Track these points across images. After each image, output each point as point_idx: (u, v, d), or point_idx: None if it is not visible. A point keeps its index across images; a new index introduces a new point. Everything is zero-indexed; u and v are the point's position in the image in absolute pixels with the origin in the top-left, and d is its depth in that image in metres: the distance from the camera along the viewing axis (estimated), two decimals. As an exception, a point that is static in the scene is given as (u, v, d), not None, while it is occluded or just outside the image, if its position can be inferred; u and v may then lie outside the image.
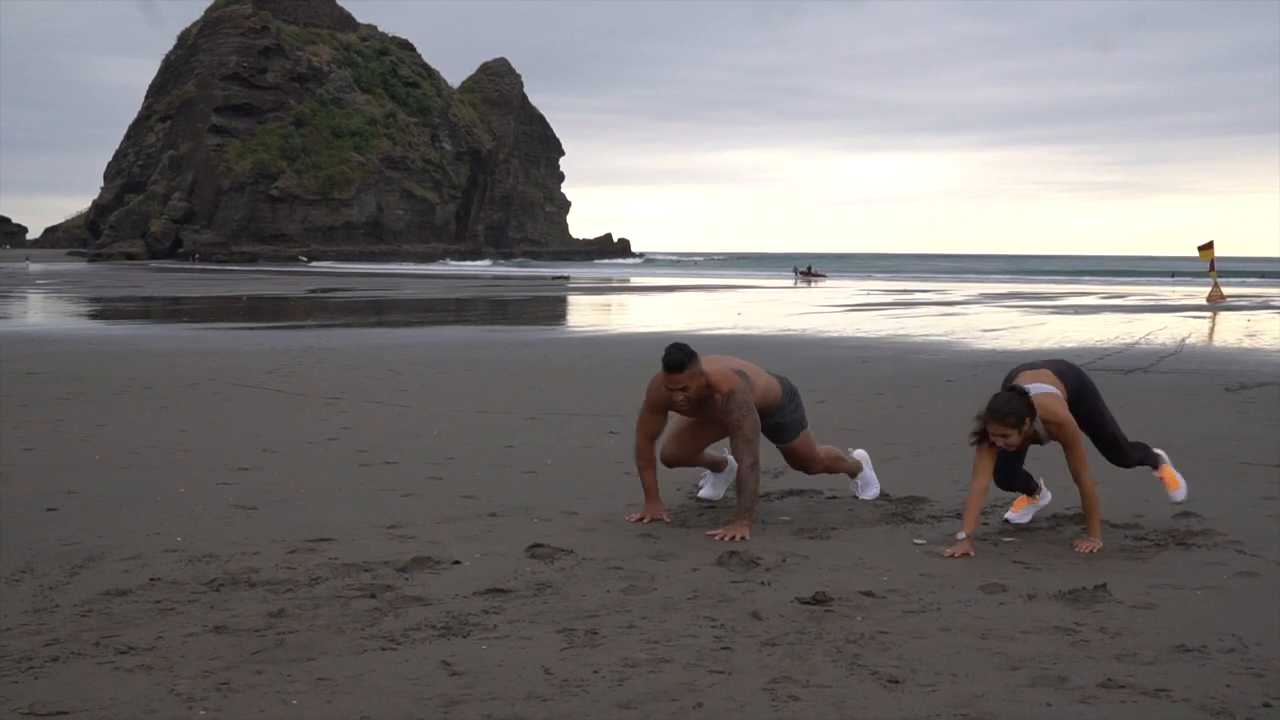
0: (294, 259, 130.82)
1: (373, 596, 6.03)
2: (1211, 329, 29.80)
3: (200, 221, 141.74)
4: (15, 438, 11.08)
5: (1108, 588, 6.25)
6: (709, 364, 7.80)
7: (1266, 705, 4.65)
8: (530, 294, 54.08)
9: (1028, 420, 7.16)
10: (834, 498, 8.77)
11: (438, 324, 31.66)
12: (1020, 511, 8.00)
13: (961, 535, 7.10)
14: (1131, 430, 11.97)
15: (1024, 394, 7.18)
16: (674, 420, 8.29)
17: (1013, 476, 7.81)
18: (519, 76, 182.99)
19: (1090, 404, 7.76)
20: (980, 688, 4.81)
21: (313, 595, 6.06)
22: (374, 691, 4.70)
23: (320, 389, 15.40)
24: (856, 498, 8.77)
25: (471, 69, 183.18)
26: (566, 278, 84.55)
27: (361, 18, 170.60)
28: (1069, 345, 23.68)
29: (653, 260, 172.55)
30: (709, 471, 8.77)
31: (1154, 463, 8.25)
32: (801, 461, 8.46)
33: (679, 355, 7.60)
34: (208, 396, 14.59)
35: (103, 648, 5.18)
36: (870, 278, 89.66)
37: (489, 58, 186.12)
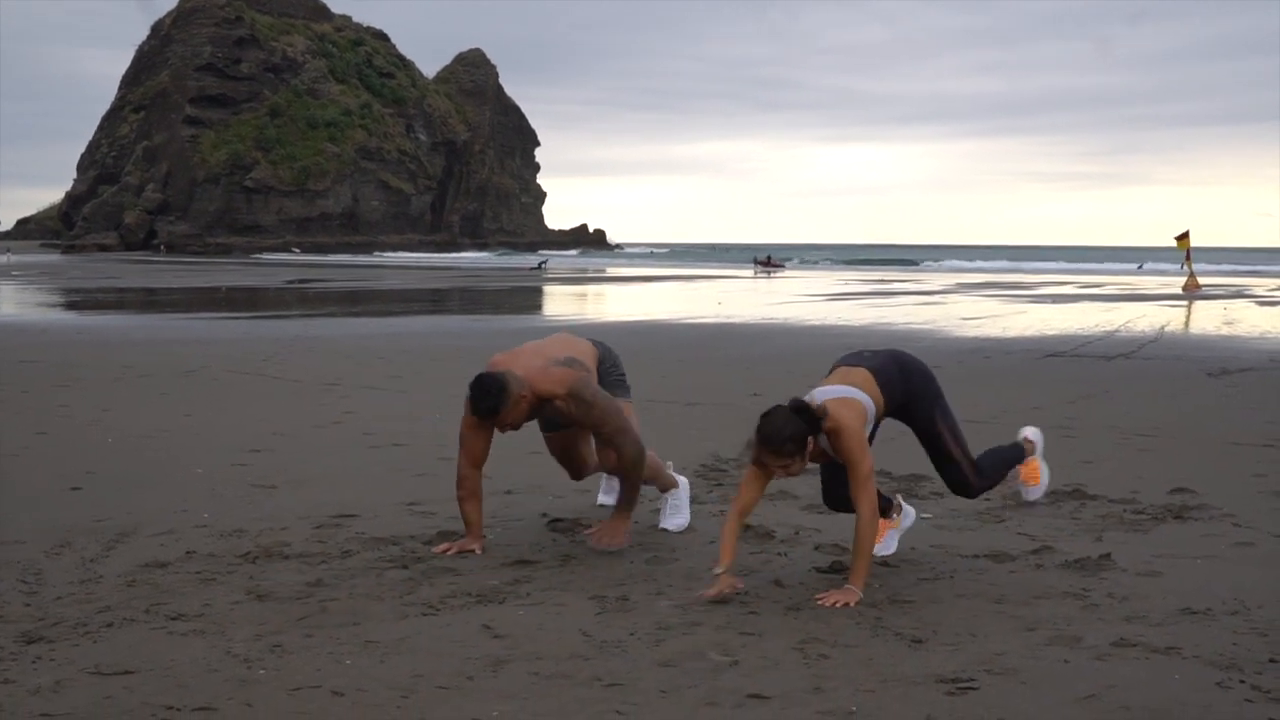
0: (266, 251, 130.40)
1: (405, 568, 6.24)
2: (1189, 317, 30.13)
3: (175, 213, 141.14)
4: (25, 423, 11.24)
5: (1112, 557, 6.48)
6: (524, 366, 6.63)
7: (1273, 660, 4.89)
8: (512, 284, 54.19)
9: (811, 440, 5.84)
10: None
11: (423, 313, 31.78)
12: (883, 541, 6.59)
13: (718, 570, 5.75)
14: (1119, 414, 12.32)
15: (802, 408, 5.81)
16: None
17: (848, 504, 6.21)
18: (494, 67, 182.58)
19: (925, 408, 6.39)
20: (1000, 646, 5.05)
21: (347, 566, 6.26)
22: (422, 652, 4.91)
23: (315, 376, 15.56)
24: (659, 526, 7.28)
25: (446, 60, 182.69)
26: (545, 263, 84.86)
27: (336, 8, 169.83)
28: (1050, 333, 23.95)
29: (623, 251, 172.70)
30: (604, 477, 7.84)
31: (1017, 459, 6.95)
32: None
33: (488, 400, 6.45)
34: (205, 383, 14.74)
35: (153, 614, 5.39)
36: (840, 268, 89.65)
37: (464, 48, 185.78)
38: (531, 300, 41.04)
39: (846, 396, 6.04)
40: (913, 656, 4.92)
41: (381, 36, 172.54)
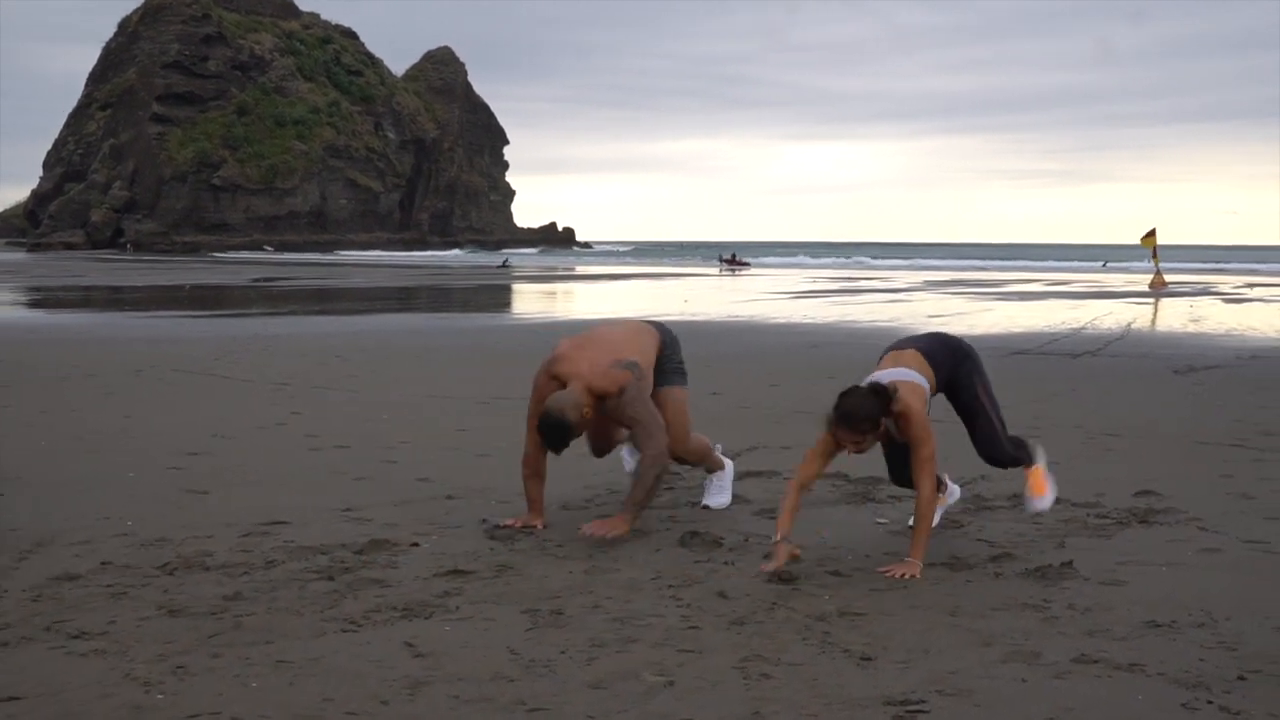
0: (235, 249, 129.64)
1: (330, 579, 5.91)
2: (1155, 314, 29.98)
3: (142, 211, 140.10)
4: (-43, 424, 10.86)
5: (1074, 565, 6.20)
6: (589, 363, 6.92)
7: (1241, 678, 4.61)
8: (477, 282, 53.78)
9: (883, 421, 6.21)
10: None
11: (385, 311, 31.40)
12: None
13: (776, 537, 6.06)
14: (1085, 412, 12.06)
15: (880, 391, 6.17)
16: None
17: (906, 471, 6.69)
18: (463, 65, 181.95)
19: (967, 384, 6.80)
20: (954, 663, 4.75)
21: (269, 578, 5.93)
22: (336, 673, 4.59)
23: (267, 375, 15.21)
24: (701, 504, 7.76)
25: (415, 58, 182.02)
26: (506, 261, 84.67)
27: (304, 5, 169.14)
28: (1016, 331, 23.74)
29: (589, 249, 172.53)
30: (626, 448, 8.01)
31: (1028, 460, 7.14)
32: (670, 423, 7.27)
33: (557, 440, 6.80)
34: (153, 383, 14.37)
35: (54, 633, 5.05)
36: (810, 267, 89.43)
37: (433, 46, 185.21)
38: (495, 298, 40.64)
39: (909, 380, 6.42)
40: (860, 676, 4.62)
41: (350, 34, 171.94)
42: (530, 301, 39.12)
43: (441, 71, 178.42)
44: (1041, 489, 7.11)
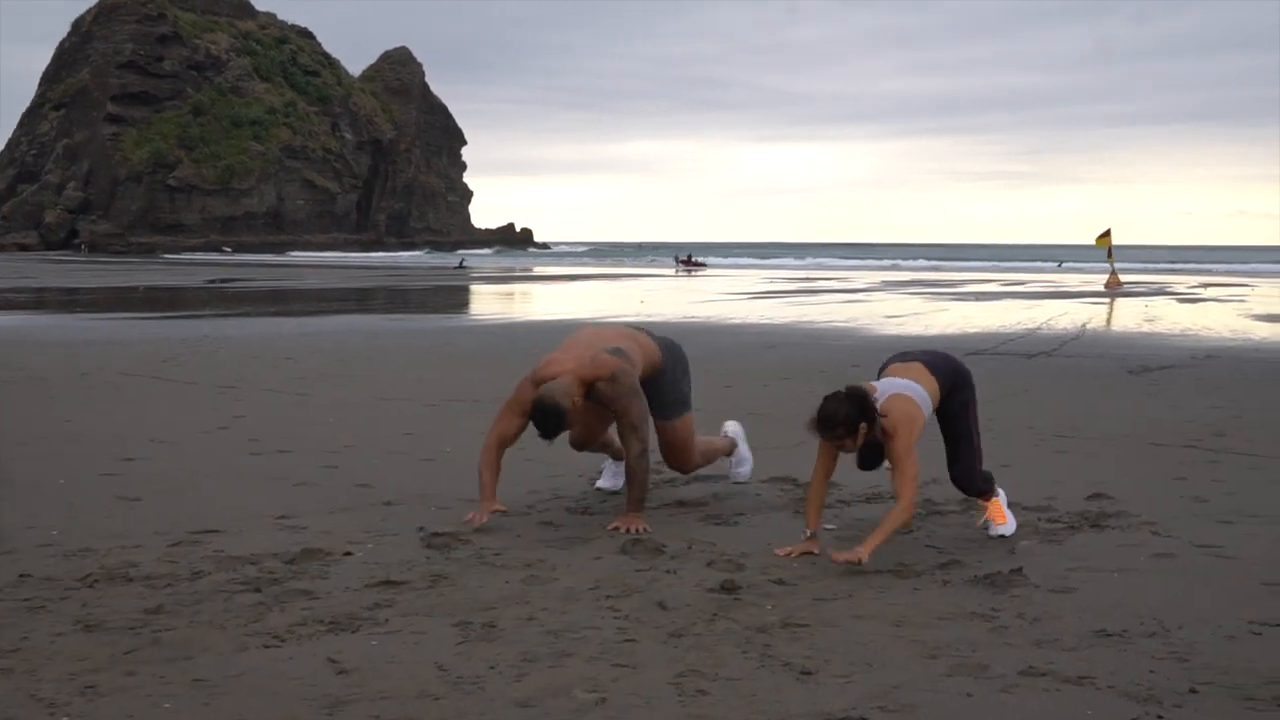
0: (191, 250, 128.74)
1: (257, 590, 5.70)
2: (1111, 314, 30.00)
3: (96, 212, 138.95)
4: (-112, 430, 10.58)
5: (1023, 571, 6.06)
6: (576, 359, 7.19)
7: (1193, 691, 4.47)
8: (434, 283, 53.46)
9: (862, 426, 6.37)
10: (742, 482, 8.52)
11: (340, 313, 31.10)
12: (1006, 523, 7.08)
13: (807, 534, 6.58)
14: (1038, 413, 11.95)
15: (857, 396, 6.38)
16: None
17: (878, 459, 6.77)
18: (420, 66, 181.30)
19: (961, 409, 6.95)
20: (897, 678, 4.59)
21: (194, 590, 5.71)
22: (254, 692, 4.39)
23: (214, 378, 14.95)
24: (731, 480, 8.36)
25: (372, 58, 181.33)
26: (464, 262, 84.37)
27: (260, 5, 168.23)
28: (972, 331, 23.68)
29: (547, 250, 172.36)
30: (609, 460, 8.30)
31: (991, 493, 7.17)
32: (676, 452, 7.81)
33: (550, 427, 7.01)
34: (98, 386, 14.10)
35: (-37, 650, 4.83)
36: (769, 267, 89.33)
37: (390, 47, 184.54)
38: (450, 299, 40.36)
39: (907, 393, 6.60)
40: (800, 691, 4.45)
41: (306, 34, 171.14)
42: (487, 303, 38.86)
43: (399, 72, 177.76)
44: (1003, 519, 7.09)
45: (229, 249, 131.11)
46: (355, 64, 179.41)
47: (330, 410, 12.14)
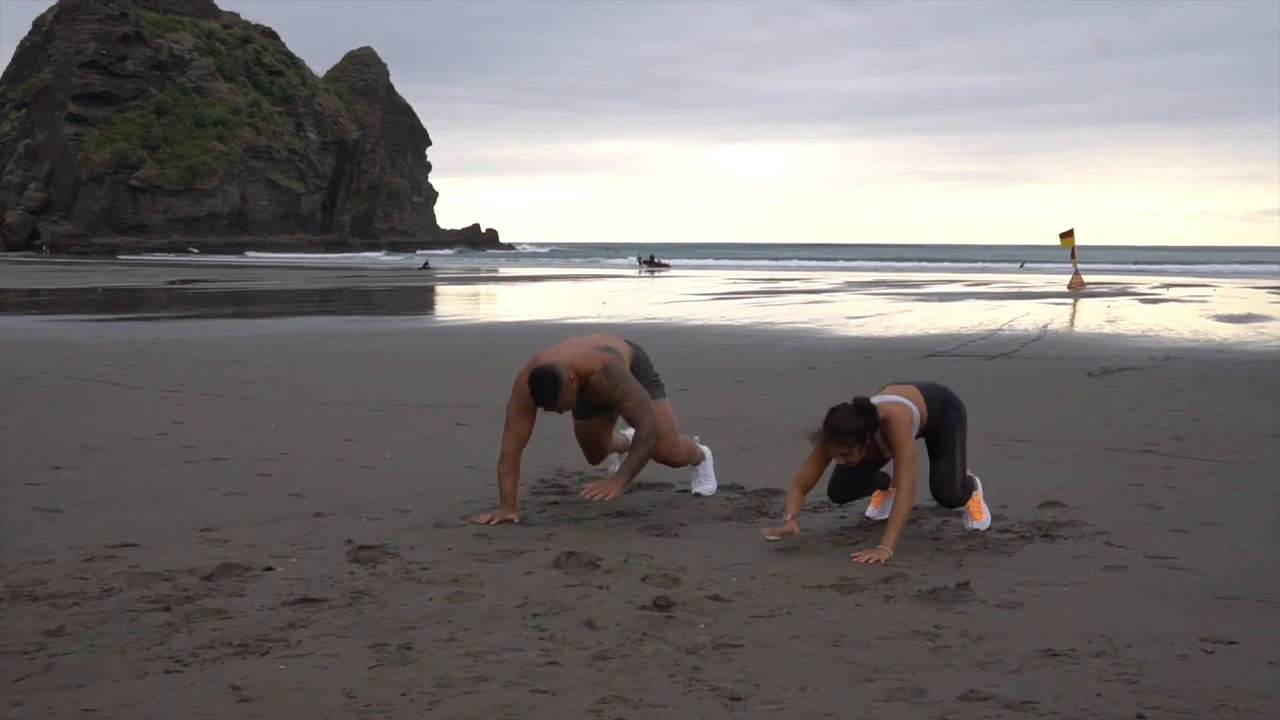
0: (154, 251, 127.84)
1: (167, 609, 5.42)
2: (1073, 315, 29.90)
3: (58, 213, 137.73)
4: None
5: (970, 585, 5.84)
6: (568, 354, 7.53)
7: (1140, 717, 4.25)
8: (397, 284, 53.06)
9: (869, 435, 6.77)
10: (686, 491, 8.29)
11: (297, 315, 30.73)
12: (879, 506, 7.42)
13: (787, 517, 6.75)
14: (995, 417, 11.75)
15: (865, 407, 6.74)
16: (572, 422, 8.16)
17: (855, 491, 7.33)
18: (385, 66, 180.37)
19: (948, 432, 7.12)
20: (830, 703, 4.35)
21: (100, 610, 5.43)
22: (147, 723, 4.13)
23: (159, 382, 14.63)
24: (692, 492, 8.26)
25: (336, 58, 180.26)
26: (428, 263, 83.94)
27: (224, 5, 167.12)
28: (934, 332, 23.52)
29: (512, 250, 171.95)
30: (614, 455, 8.40)
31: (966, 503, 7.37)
32: (662, 436, 7.77)
33: (548, 390, 7.31)
34: (37, 391, 13.77)
35: None
36: (733, 268, 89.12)
37: (354, 47, 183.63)
38: (412, 300, 40.02)
39: (900, 402, 6.90)
40: (727, 718, 4.21)
41: (270, 34, 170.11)
42: (448, 304, 38.53)
43: (363, 72, 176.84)
44: (980, 514, 7.27)
45: (195, 250, 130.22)
46: (320, 64, 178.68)
47: (272, 415, 11.86)
